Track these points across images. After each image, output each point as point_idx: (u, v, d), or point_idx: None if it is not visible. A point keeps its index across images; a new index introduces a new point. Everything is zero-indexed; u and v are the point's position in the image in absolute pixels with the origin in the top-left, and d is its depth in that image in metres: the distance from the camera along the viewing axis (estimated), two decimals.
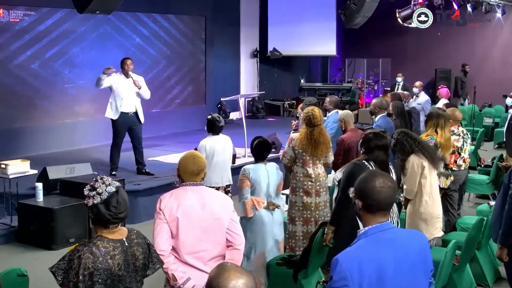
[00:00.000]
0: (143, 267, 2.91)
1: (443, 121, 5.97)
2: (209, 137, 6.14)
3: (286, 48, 15.61)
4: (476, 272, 5.45)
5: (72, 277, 2.66)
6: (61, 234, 6.53)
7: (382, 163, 4.38)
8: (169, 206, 3.40)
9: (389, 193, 2.50)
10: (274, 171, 5.11)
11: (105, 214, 2.76)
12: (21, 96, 9.89)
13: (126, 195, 2.89)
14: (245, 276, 1.94)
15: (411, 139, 5.00)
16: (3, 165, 6.70)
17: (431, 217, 4.88)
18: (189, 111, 13.03)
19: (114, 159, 8.33)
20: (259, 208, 4.94)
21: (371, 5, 12.15)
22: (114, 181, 2.86)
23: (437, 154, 5.15)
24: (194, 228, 3.42)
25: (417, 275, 2.51)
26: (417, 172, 4.87)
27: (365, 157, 4.43)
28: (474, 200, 8.54)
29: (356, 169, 4.34)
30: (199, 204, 3.46)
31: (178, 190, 3.51)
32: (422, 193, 4.89)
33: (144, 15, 12.05)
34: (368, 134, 4.56)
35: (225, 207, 3.56)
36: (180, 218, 3.38)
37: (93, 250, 2.69)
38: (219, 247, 3.51)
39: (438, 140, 5.84)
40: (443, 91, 11.05)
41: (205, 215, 3.45)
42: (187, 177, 3.51)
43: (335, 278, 2.36)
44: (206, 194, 3.55)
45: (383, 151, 4.41)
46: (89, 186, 2.81)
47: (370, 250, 2.42)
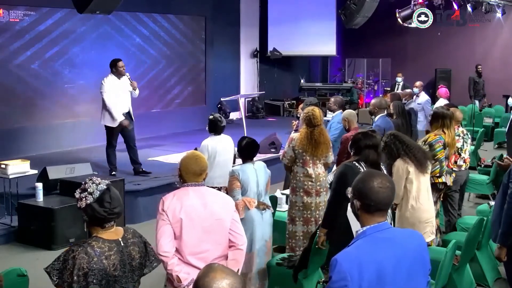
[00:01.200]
0: (139, 267, 2.90)
1: (448, 120, 6.03)
2: (211, 137, 6.14)
3: (286, 48, 15.61)
4: (476, 272, 5.45)
5: (67, 277, 2.65)
6: (61, 234, 6.53)
7: (373, 162, 4.36)
8: (172, 207, 3.40)
9: (387, 193, 2.51)
10: (262, 170, 5.10)
11: (100, 212, 2.76)
12: (21, 96, 9.89)
13: (117, 191, 2.90)
14: (230, 276, 1.96)
15: (399, 142, 4.96)
16: (3, 165, 6.70)
17: (418, 221, 4.84)
18: (189, 111, 13.04)
19: (112, 159, 8.33)
20: (251, 208, 4.92)
21: (371, 5, 12.16)
22: (104, 180, 2.87)
23: (427, 159, 5.06)
24: (196, 228, 3.42)
25: (416, 275, 2.51)
26: (402, 177, 4.84)
27: (355, 158, 4.41)
28: (474, 200, 8.54)
29: (347, 170, 4.32)
30: (201, 204, 3.46)
31: (180, 191, 3.51)
32: (408, 198, 4.85)
33: (144, 15, 12.05)
34: (357, 135, 4.53)
35: (226, 207, 3.56)
36: (183, 218, 3.38)
37: (88, 251, 2.68)
38: (221, 248, 3.51)
39: (446, 140, 5.87)
40: (442, 91, 11.04)
41: (207, 216, 3.45)
42: (189, 177, 3.51)
43: (334, 279, 2.36)
44: (207, 194, 3.55)
45: (373, 150, 4.38)
46: (79, 189, 2.82)
47: (369, 250, 2.43)
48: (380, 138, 4.59)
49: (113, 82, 8.11)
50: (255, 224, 4.94)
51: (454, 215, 6.48)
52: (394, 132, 5.22)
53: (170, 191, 3.59)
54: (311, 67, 18.18)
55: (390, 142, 4.98)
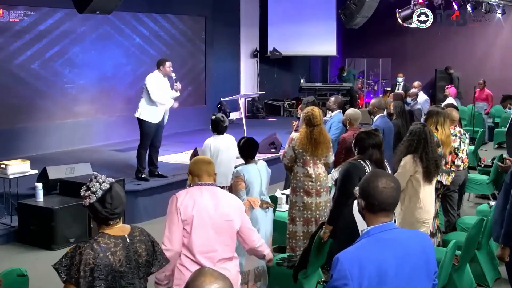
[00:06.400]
0: (146, 264, 2.93)
1: (442, 118, 6.05)
2: (213, 137, 6.15)
3: (286, 48, 15.61)
4: (476, 272, 5.45)
5: (74, 273, 2.68)
6: (61, 234, 6.53)
7: (377, 161, 4.40)
8: (185, 204, 3.44)
9: (391, 193, 2.51)
10: (264, 169, 5.14)
11: (101, 212, 2.81)
12: (21, 96, 9.89)
13: (121, 189, 2.92)
14: (220, 280, 1.98)
15: (424, 141, 4.88)
16: (3, 165, 6.70)
17: (417, 221, 4.83)
18: (189, 111, 13.02)
19: (142, 161, 8.13)
20: (256, 207, 4.95)
21: (371, 5, 12.16)
22: (108, 178, 2.89)
23: (436, 172, 5.00)
24: (207, 227, 3.45)
25: (418, 276, 2.50)
26: (408, 172, 4.82)
27: (360, 157, 4.44)
28: (474, 200, 8.54)
29: (352, 168, 4.37)
30: (213, 205, 3.50)
31: (193, 189, 3.55)
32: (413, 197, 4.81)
33: (144, 15, 12.05)
34: (360, 134, 4.56)
35: (236, 210, 3.61)
36: (195, 216, 3.42)
37: (94, 246, 2.72)
38: (227, 249, 3.54)
39: (439, 138, 5.87)
40: (453, 91, 11.36)
41: (217, 216, 3.49)
42: (200, 167, 3.58)
43: (335, 277, 2.38)
44: (220, 195, 3.60)
45: (376, 149, 4.42)
46: (84, 186, 2.86)
47: (371, 249, 2.43)
48: (382, 138, 4.59)
49: (160, 79, 8.00)
50: (259, 222, 4.96)
51: (453, 215, 6.48)
52: (428, 129, 5.09)
53: (170, 191, 3.60)
54: (311, 67, 18.19)
55: (419, 132, 4.92)
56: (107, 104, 11.27)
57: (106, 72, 11.24)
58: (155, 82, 7.93)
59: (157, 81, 7.97)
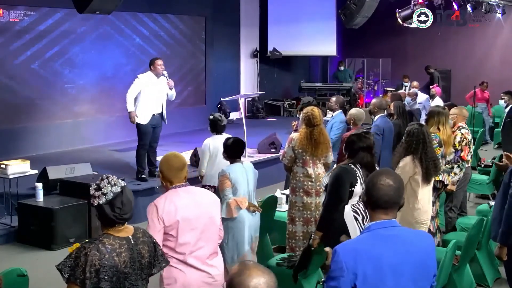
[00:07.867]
0: (148, 265, 2.93)
1: (444, 118, 6.08)
2: (212, 137, 6.14)
3: (286, 48, 15.61)
4: (476, 272, 5.46)
5: (79, 274, 2.67)
6: (61, 234, 6.53)
7: (368, 164, 4.34)
8: (166, 211, 3.38)
9: (388, 191, 2.54)
10: (251, 170, 5.09)
11: (109, 215, 2.78)
12: (21, 96, 9.89)
13: (131, 195, 2.91)
14: (266, 275, 1.94)
15: (423, 142, 4.86)
16: (3, 165, 6.71)
17: (415, 222, 4.83)
18: (189, 111, 13.03)
19: (141, 162, 8.16)
20: (243, 207, 4.91)
21: (371, 5, 12.16)
22: (120, 180, 2.87)
23: (435, 174, 4.99)
24: (193, 228, 3.44)
25: (418, 276, 2.51)
26: (407, 173, 4.79)
27: (350, 161, 4.38)
28: (474, 200, 8.55)
29: (343, 172, 4.31)
30: (194, 204, 3.48)
31: (169, 193, 3.48)
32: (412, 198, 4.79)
33: (144, 15, 12.05)
34: (350, 137, 4.50)
35: (214, 204, 3.63)
36: (180, 221, 3.38)
37: (100, 247, 2.70)
38: (212, 245, 3.58)
39: (441, 137, 5.88)
40: (438, 90, 11.51)
41: (201, 214, 3.49)
42: (174, 174, 3.48)
43: (332, 268, 2.46)
44: (197, 193, 3.60)
45: (367, 152, 4.36)
46: (95, 185, 2.82)
47: (368, 243, 2.48)
48: (373, 140, 4.53)
49: (150, 79, 8.00)
50: (246, 224, 4.94)
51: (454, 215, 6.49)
52: (425, 129, 5.08)
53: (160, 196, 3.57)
54: (311, 67, 18.19)
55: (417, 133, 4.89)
56: (107, 104, 11.26)
57: (106, 72, 11.24)
58: (138, 82, 7.96)
59: (146, 80, 7.97)
